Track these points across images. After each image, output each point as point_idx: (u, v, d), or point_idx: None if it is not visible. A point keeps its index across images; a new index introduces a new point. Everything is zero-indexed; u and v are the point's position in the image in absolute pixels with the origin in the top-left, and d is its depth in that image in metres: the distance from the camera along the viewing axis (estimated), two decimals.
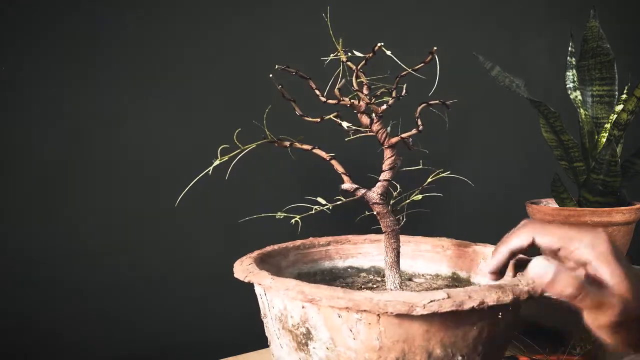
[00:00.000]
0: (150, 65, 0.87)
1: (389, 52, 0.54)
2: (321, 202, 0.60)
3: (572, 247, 0.44)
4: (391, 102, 0.57)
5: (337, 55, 0.58)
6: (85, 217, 0.83)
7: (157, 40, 0.88)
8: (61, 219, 0.81)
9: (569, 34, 1.04)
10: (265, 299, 0.53)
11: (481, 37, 1.32)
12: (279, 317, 0.51)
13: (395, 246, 0.61)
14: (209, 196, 0.89)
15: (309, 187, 0.71)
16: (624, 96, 0.97)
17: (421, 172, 0.64)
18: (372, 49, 0.55)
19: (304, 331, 0.49)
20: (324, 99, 0.58)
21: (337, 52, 0.57)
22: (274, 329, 0.53)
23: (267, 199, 0.95)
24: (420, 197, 0.63)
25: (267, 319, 0.55)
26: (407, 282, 0.68)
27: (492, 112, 1.33)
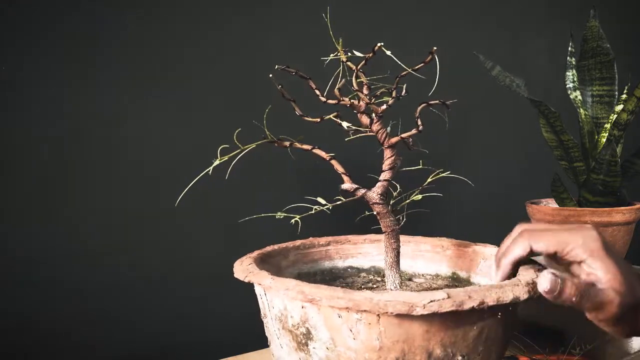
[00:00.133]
0: (150, 65, 0.87)
1: (389, 52, 0.54)
2: (321, 202, 0.60)
3: (567, 249, 0.49)
4: (391, 102, 0.57)
5: (337, 55, 0.58)
6: (85, 217, 0.83)
7: (157, 40, 0.88)
8: (61, 219, 0.81)
9: (569, 34, 1.04)
10: (265, 299, 0.53)
11: (481, 37, 1.32)
12: (279, 317, 0.51)
13: (395, 246, 0.61)
14: (209, 196, 0.89)
15: (309, 187, 0.71)
16: (624, 96, 0.97)
17: (421, 172, 0.64)
18: (372, 49, 0.55)
19: (304, 331, 0.49)
20: (324, 99, 0.58)
21: (337, 52, 0.57)
22: (274, 329, 0.53)
23: (267, 199, 0.95)
24: (420, 197, 0.63)
25: (267, 319, 0.55)
26: (407, 282, 0.68)
27: (492, 112, 1.34)
